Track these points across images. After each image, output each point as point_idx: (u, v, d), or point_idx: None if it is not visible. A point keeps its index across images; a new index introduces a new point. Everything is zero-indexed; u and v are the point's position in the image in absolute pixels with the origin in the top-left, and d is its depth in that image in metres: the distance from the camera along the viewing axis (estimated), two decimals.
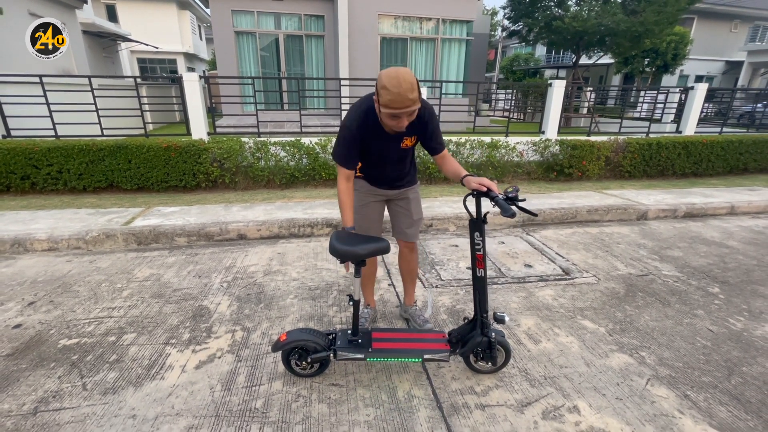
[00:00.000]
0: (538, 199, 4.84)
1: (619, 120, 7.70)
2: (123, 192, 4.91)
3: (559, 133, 6.47)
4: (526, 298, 2.73)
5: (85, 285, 2.80)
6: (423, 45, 10.52)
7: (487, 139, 5.86)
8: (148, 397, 1.77)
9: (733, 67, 22.37)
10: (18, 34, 8.43)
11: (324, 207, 4.32)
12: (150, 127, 5.62)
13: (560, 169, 6.00)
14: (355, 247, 1.67)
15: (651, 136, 6.63)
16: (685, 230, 4.20)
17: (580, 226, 4.28)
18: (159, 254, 3.36)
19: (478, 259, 1.80)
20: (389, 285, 2.88)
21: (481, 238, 1.78)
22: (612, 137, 6.30)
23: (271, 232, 3.78)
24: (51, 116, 5.14)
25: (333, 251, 1.68)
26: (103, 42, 14.72)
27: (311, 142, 5.31)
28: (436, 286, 2.87)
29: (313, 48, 10.46)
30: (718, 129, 7.54)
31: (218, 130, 6.12)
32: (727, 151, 6.52)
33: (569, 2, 11.72)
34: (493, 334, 1.86)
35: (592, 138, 6.22)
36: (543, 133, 6.44)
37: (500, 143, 5.87)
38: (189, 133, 5.43)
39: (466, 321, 1.95)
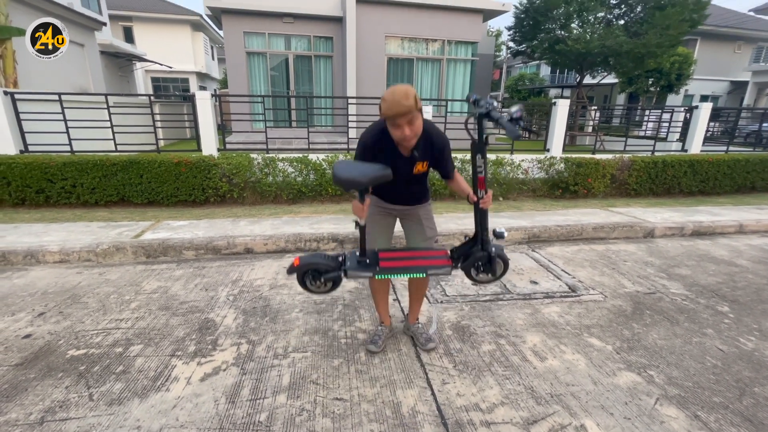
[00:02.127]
0: (543, 215, 4.85)
1: (624, 138, 7.75)
2: (133, 206, 5.00)
3: (564, 150, 6.52)
4: (532, 315, 2.71)
5: (94, 296, 2.84)
6: (429, 65, 10.75)
7: (492, 156, 5.92)
8: (153, 409, 1.78)
9: (738, 86, 22.46)
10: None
11: (330, 222, 4.36)
12: (162, 143, 5.78)
13: (565, 186, 6.01)
14: (357, 176, 1.70)
15: (656, 154, 6.65)
16: (692, 248, 4.17)
17: (586, 243, 4.26)
18: (167, 267, 3.41)
19: (479, 181, 1.82)
20: (394, 300, 2.88)
21: (483, 160, 1.79)
22: (617, 155, 6.33)
23: (277, 246, 3.81)
24: (68, 132, 5.31)
25: (336, 179, 1.71)
26: (120, 62, 15.25)
27: (318, 159, 5.40)
28: (441, 302, 2.87)
29: (321, 68, 10.73)
30: (725, 148, 7.54)
31: (228, 146, 6.26)
32: (734, 170, 6.50)
33: (572, 25, 11.95)
34: (493, 249, 1.93)
35: (597, 156, 6.25)
36: (548, 150, 6.49)
37: (505, 160, 5.91)
38: (200, 149, 5.56)
39: (466, 239, 2.03)
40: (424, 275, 1.96)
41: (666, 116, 8.27)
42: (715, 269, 3.60)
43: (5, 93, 5.05)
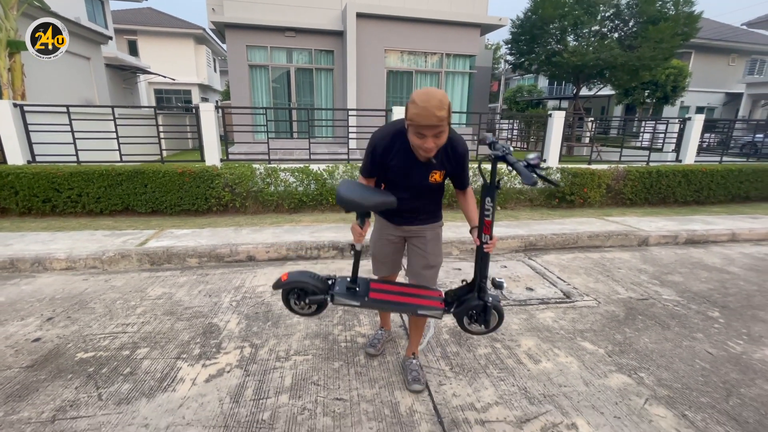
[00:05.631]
0: (540, 225, 4.94)
1: (626, 149, 7.89)
2: (137, 215, 5.10)
3: (561, 161, 6.64)
4: (527, 320, 2.79)
5: (100, 302, 2.92)
6: (428, 78, 10.96)
7: (488, 166, 6.03)
8: (160, 408, 1.84)
9: (733, 98, 22.80)
10: (46, 69, 8.99)
11: (331, 231, 4.45)
12: (164, 153, 5.88)
13: (562, 196, 6.12)
14: (360, 199, 1.67)
15: (651, 164, 6.77)
16: (686, 256, 4.25)
17: (582, 252, 4.35)
18: (171, 274, 3.49)
19: (485, 225, 1.74)
20: None
21: (491, 204, 1.72)
22: (612, 165, 6.45)
23: (279, 254, 3.90)
24: (74, 143, 5.43)
25: (339, 200, 1.69)
26: (124, 74, 15.52)
27: (319, 169, 5.52)
28: None
29: (322, 80, 10.95)
30: (720, 158, 7.67)
31: (230, 156, 6.38)
32: (728, 180, 6.62)
33: (568, 38, 12.21)
34: (490, 298, 1.85)
35: (593, 166, 6.37)
36: (544, 161, 6.61)
37: (502, 170, 6.01)
38: (203, 160, 5.68)
39: (464, 283, 1.92)
40: (415, 315, 1.88)
41: (661, 127, 8.43)
42: (707, 276, 3.68)
43: (15, 105, 5.19)
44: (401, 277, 3.07)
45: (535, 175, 1.57)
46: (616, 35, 12.23)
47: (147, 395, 1.93)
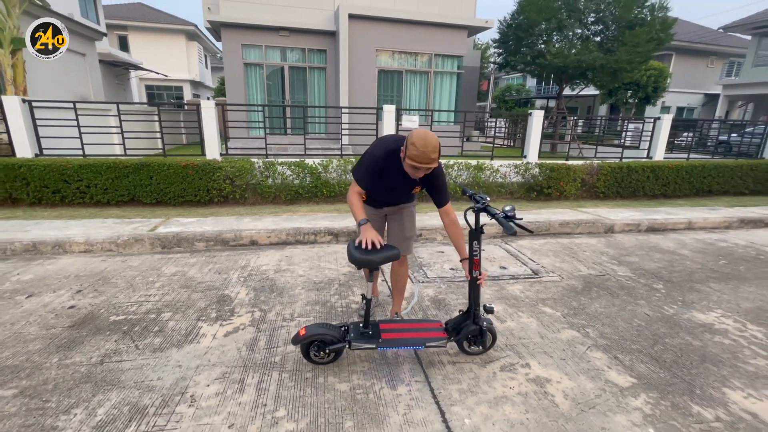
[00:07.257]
0: (517, 214, 5.38)
1: (604, 146, 8.40)
2: (143, 205, 5.41)
3: (540, 157, 7.12)
4: (498, 291, 3.22)
5: (121, 278, 3.27)
6: (417, 77, 11.37)
7: (473, 162, 6.48)
8: (188, 354, 2.23)
9: (712, 99, 23.71)
10: (43, 65, 9.17)
11: (326, 219, 4.83)
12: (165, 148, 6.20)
13: (540, 189, 6.59)
14: (371, 256, 1.94)
15: (624, 161, 7.29)
16: (645, 241, 4.74)
17: (553, 237, 4.81)
18: (182, 256, 3.84)
19: (474, 263, 2.08)
20: (382, 280, 3.36)
21: (478, 246, 2.07)
22: (587, 161, 6.94)
23: (279, 238, 4.28)
24: (80, 137, 5.71)
25: (351, 259, 1.94)
26: (117, 70, 15.61)
27: (314, 163, 5.89)
28: (422, 282, 3.36)
29: (315, 78, 11.28)
30: (695, 156, 8.23)
31: (229, 151, 6.71)
32: (692, 175, 7.17)
33: (552, 40, 12.74)
34: (485, 323, 2.17)
35: (569, 162, 6.86)
36: (525, 157, 7.08)
37: (485, 166, 6.48)
38: (203, 154, 6.01)
39: (460, 312, 2.24)
40: (423, 347, 2.17)
41: (639, 126, 8.98)
42: (659, 257, 4.17)
43: (23, 101, 5.46)
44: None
45: (514, 226, 1.89)
46: (598, 39, 12.79)
47: (176, 346, 2.31)
